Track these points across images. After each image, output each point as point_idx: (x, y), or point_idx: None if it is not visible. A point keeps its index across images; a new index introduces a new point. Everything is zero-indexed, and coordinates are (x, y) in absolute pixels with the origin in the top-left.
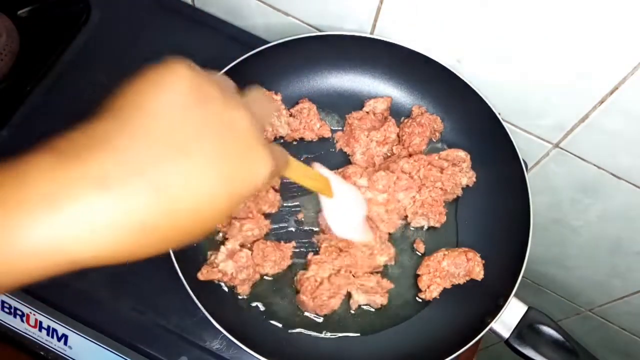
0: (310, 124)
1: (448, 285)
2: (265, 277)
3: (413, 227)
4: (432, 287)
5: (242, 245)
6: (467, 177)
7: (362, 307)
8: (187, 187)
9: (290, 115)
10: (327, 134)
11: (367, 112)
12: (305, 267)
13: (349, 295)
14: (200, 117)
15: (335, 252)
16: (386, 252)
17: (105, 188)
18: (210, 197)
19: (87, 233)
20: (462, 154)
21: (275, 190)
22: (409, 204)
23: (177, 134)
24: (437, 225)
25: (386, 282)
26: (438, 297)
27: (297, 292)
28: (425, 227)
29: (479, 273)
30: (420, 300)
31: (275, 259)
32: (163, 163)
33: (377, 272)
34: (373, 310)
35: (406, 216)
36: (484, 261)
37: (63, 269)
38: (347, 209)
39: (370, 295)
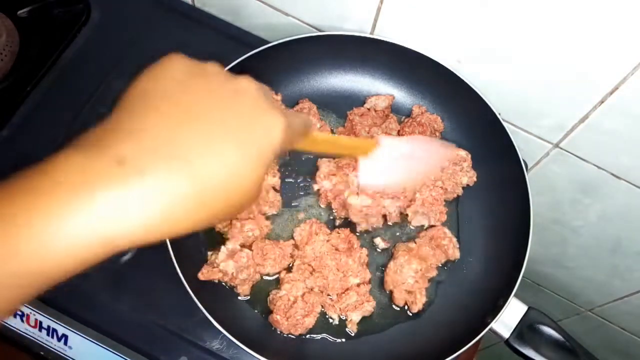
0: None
1: (426, 285)
2: (264, 277)
3: (413, 226)
4: (412, 301)
5: (242, 246)
6: (468, 177)
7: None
8: (208, 156)
9: None
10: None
11: (369, 109)
12: (278, 286)
13: (324, 314)
14: (204, 89)
15: (308, 270)
16: (361, 275)
17: (123, 167)
18: (232, 163)
19: (123, 217)
20: (462, 153)
21: (276, 191)
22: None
23: (190, 109)
24: (438, 224)
25: (363, 286)
26: (425, 307)
27: (270, 312)
28: (426, 226)
29: (454, 252)
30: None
31: (275, 257)
32: (179, 139)
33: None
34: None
35: (406, 215)
36: (455, 238)
37: (104, 254)
38: (384, 162)
39: (359, 308)
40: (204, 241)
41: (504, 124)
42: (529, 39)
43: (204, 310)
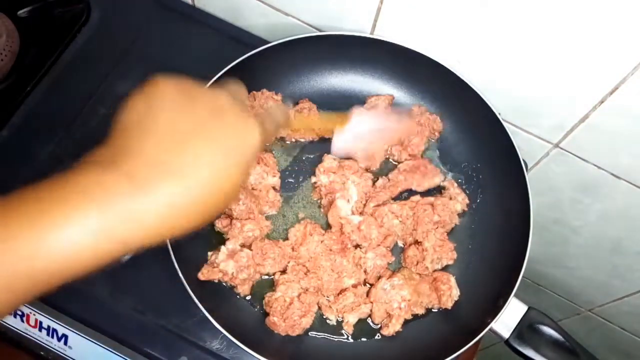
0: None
1: (407, 317)
2: (264, 277)
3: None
4: (386, 323)
5: (242, 246)
6: (460, 202)
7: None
8: (198, 167)
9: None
10: (328, 134)
11: (371, 106)
12: (273, 287)
13: (321, 314)
14: (193, 111)
15: (302, 271)
16: (356, 276)
17: (134, 182)
18: (218, 169)
19: (130, 221)
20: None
21: (276, 191)
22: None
23: (179, 129)
24: (451, 262)
25: (360, 287)
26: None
27: (267, 314)
28: (440, 268)
29: (447, 301)
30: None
31: (274, 257)
32: (175, 153)
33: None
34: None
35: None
36: (459, 293)
37: (118, 253)
38: (357, 132)
39: (356, 310)
40: (204, 241)
41: (504, 124)
42: (529, 39)
43: (204, 310)
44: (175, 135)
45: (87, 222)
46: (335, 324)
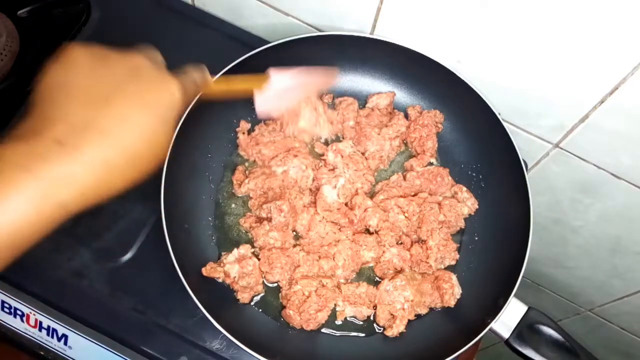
0: (346, 117)
1: (411, 317)
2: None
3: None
4: (389, 325)
5: (260, 248)
6: (468, 207)
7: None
8: (125, 124)
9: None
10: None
11: (372, 109)
12: (290, 283)
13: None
14: (109, 73)
15: (315, 260)
16: (373, 248)
17: (62, 146)
18: (140, 124)
19: (69, 184)
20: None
21: None
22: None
23: (97, 92)
24: (453, 262)
25: (374, 289)
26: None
27: (283, 307)
28: (442, 267)
29: (449, 299)
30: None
31: (281, 265)
32: (96, 114)
33: (368, 283)
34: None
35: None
36: (460, 292)
37: (59, 217)
38: (277, 91)
39: (357, 306)
40: (205, 242)
41: (504, 124)
42: (529, 39)
43: (204, 310)
44: (97, 97)
45: (27, 192)
46: (340, 323)
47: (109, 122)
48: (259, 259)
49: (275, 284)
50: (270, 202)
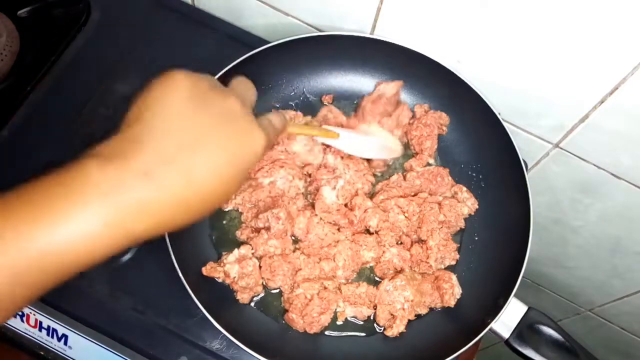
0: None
1: (411, 317)
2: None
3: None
4: (389, 325)
5: (258, 257)
6: (468, 207)
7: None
8: (207, 168)
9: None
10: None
11: (379, 96)
12: (292, 286)
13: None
14: (205, 113)
15: (315, 262)
16: (373, 248)
17: (149, 178)
18: (223, 173)
19: (140, 213)
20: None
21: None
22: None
23: (192, 130)
24: (453, 262)
25: (374, 289)
26: (405, 331)
27: (286, 311)
28: (442, 267)
29: (449, 299)
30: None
31: (283, 272)
32: (186, 154)
33: (368, 283)
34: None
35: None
36: (460, 291)
37: (124, 243)
38: (358, 137)
39: (358, 306)
40: (205, 242)
41: (504, 124)
42: (529, 39)
43: (204, 310)
44: (190, 136)
45: (97, 213)
46: (341, 323)
47: (195, 165)
48: (259, 260)
49: (277, 290)
50: (265, 211)
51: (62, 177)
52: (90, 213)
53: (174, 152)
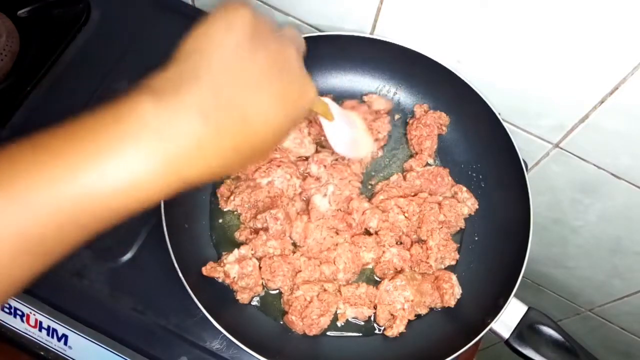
0: None
1: (411, 317)
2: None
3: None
4: (389, 325)
5: (258, 258)
6: (468, 207)
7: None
8: (261, 114)
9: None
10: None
11: (364, 102)
12: (292, 287)
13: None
14: (265, 56)
15: (316, 265)
16: (373, 249)
17: (204, 117)
18: (276, 121)
19: (195, 158)
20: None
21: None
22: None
23: (251, 71)
24: (453, 262)
25: (374, 289)
26: (405, 331)
27: (285, 313)
28: (442, 267)
29: (449, 299)
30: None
31: (283, 273)
32: (245, 95)
33: (368, 283)
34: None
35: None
36: (460, 292)
37: (175, 188)
38: (344, 130)
39: (358, 307)
40: (205, 242)
41: (504, 124)
42: (529, 39)
43: (204, 310)
44: (246, 76)
45: (151, 154)
46: (342, 324)
47: (251, 111)
48: (259, 261)
49: (277, 291)
50: (263, 212)
51: (113, 114)
52: (144, 154)
53: (232, 93)
